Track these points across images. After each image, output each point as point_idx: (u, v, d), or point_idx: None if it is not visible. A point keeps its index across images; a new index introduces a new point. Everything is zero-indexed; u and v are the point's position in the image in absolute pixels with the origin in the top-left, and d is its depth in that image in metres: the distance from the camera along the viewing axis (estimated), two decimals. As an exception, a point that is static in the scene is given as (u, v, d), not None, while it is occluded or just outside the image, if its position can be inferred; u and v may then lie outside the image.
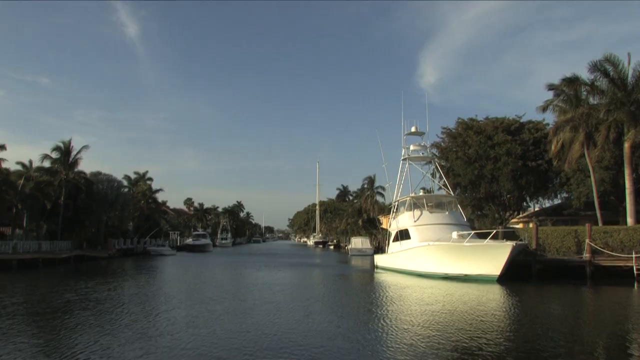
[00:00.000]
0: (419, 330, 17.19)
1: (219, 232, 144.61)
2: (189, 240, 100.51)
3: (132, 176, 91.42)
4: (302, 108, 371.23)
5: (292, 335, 16.21)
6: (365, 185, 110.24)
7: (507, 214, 59.81)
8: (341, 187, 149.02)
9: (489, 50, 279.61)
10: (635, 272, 34.55)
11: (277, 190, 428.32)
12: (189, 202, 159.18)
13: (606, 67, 41.26)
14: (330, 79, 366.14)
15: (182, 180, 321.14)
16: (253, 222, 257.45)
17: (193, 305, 23.17)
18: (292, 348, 14.29)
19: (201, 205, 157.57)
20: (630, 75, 41.12)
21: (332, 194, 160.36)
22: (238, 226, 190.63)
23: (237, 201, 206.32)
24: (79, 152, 64.87)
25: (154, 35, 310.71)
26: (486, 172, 52.39)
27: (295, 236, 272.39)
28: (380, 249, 68.21)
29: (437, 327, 17.70)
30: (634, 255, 34.95)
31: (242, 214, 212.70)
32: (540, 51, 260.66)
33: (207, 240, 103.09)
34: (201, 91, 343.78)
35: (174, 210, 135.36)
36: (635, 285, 32.89)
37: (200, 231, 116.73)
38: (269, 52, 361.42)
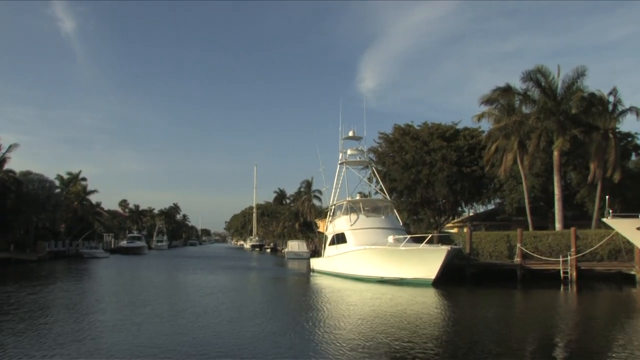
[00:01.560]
0: (352, 333, 17.31)
1: (155, 234, 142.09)
2: (124, 243, 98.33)
3: (65, 176, 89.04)
4: (241, 110, 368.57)
5: (214, 339, 16.05)
6: (303, 189, 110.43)
7: (442, 218, 60.91)
8: (278, 190, 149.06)
9: (428, 58, 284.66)
10: (562, 275, 35.81)
11: (214, 193, 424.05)
12: (124, 203, 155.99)
13: (538, 78, 42.73)
14: (270, 82, 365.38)
15: (119, 182, 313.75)
16: (190, 224, 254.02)
17: (121, 309, 22.79)
18: (210, 352, 14.19)
19: (137, 207, 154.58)
20: (560, 87, 42.71)
21: (270, 197, 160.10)
22: (174, 229, 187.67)
23: (174, 203, 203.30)
24: (7, 150, 62.58)
25: (92, 33, 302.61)
26: (422, 178, 53.23)
27: (232, 239, 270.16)
28: (316, 252, 68.35)
29: (371, 330, 17.90)
30: (561, 259, 36.22)
31: (178, 217, 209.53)
32: (478, 60, 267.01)
33: (142, 243, 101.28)
34: (140, 92, 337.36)
35: (109, 212, 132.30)
36: (562, 287, 34.09)
37: (135, 233, 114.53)
38: (210, 54, 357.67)
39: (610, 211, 30.90)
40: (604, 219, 31.50)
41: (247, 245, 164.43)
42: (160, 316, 20.70)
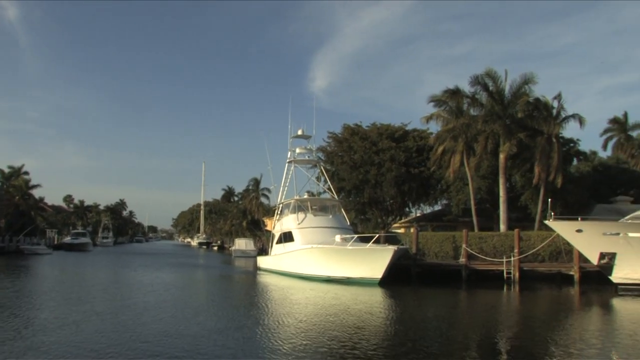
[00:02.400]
0: (294, 332, 17.22)
1: (100, 230, 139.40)
2: (67, 239, 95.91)
3: (6, 170, 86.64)
4: (190, 107, 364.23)
5: (152, 337, 15.72)
6: (251, 187, 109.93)
7: (390, 218, 61.35)
8: (227, 188, 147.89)
9: (380, 59, 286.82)
10: (505, 275, 36.51)
11: (161, 190, 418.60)
12: (68, 199, 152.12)
13: (486, 82, 43.38)
14: (221, 80, 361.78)
15: (64, 177, 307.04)
16: (136, 221, 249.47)
17: (59, 307, 22.14)
18: (147, 351, 13.90)
19: (82, 202, 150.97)
20: (507, 91, 43.49)
21: (218, 195, 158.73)
22: (120, 225, 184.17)
23: (120, 199, 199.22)
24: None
25: (37, 23, 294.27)
26: (370, 178, 53.48)
27: (179, 236, 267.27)
28: (264, 250, 68.11)
29: (314, 329, 17.87)
30: (504, 260, 36.92)
31: (125, 213, 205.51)
32: (429, 63, 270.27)
33: (87, 239, 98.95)
34: (87, 86, 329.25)
35: (53, 207, 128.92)
36: (505, 287, 34.74)
37: (80, 229, 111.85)
38: (161, 51, 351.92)
39: (552, 214, 31.69)
40: (546, 221, 32.27)
41: (194, 242, 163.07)
42: (99, 314, 20.18)
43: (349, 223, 46.16)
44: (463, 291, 33.93)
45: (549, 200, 34.72)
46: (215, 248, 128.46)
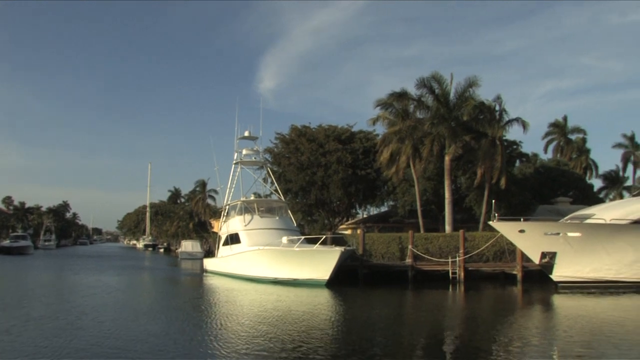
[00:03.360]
0: (237, 334, 17.08)
1: (42, 233, 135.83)
2: (6, 242, 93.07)
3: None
4: (137, 107, 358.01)
5: (89, 341, 15.31)
6: (198, 188, 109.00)
7: (337, 220, 61.45)
8: (173, 189, 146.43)
9: (329, 60, 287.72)
10: (450, 275, 36.98)
11: (107, 191, 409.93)
12: (8, 200, 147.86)
13: (432, 85, 43.83)
14: (169, 80, 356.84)
15: (3, 177, 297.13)
16: (80, 223, 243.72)
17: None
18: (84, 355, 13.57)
19: (22, 204, 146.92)
20: (452, 94, 44.06)
21: (165, 196, 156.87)
22: (64, 227, 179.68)
23: (63, 201, 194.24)
24: None
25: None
26: (317, 179, 53.47)
27: (125, 238, 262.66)
28: (211, 252, 67.50)
29: (259, 331, 17.73)
30: (449, 260, 37.37)
31: (68, 215, 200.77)
32: (378, 65, 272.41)
33: (27, 242, 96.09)
34: (27, 82, 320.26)
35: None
36: (450, 287, 35.19)
37: (20, 232, 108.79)
38: (106, 50, 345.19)
39: (496, 215, 32.29)
40: (490, 222, 32.85)
41: (140, 244, 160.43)
42: (35, 319, 19.54)
43: (295, 224, 46.10)
44: (409, 291, 34.22)
45: (493, 201, 35.35)
46: (162, 250, 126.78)
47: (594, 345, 16.44)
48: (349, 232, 59.31)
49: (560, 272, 31.96)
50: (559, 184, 56.45)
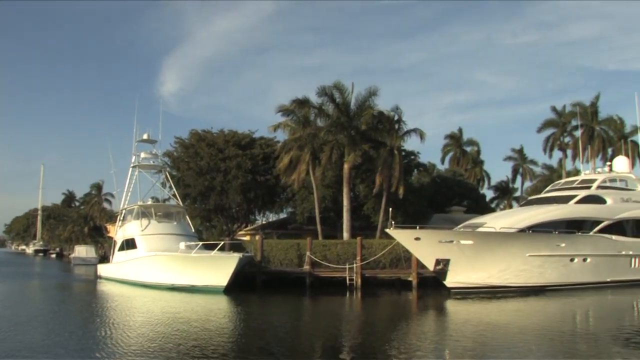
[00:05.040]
0: (128, 342, 16.54)
1: None
2: None
3: None
4: (29, 106, 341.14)
5: None
6: (93, 192, 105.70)
7: (235, 226, 61.04)
8: (67, 192, 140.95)
9: (232, 66, 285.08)
10: (347, 282, 37.34)
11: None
12: None
13: (333, 93, 44.36)
14: (67, 80, 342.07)
15: None
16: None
17: None
18: None
19: None
20: (353, 103, 44.76)
21: (58, 199, 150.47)
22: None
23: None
24: None
25: None
26: (216, 184, 52.87)
27: (12, 243, 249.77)
28: (106, 258, 65.36)
29: (154, 339, 17.29)
30: (347, 267, 37.74)
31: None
32: (281, 72, 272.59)
33: None
34: None
35: None
36: (347, 294, 35.56)
37: None
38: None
39: (393, 222, 32.92)
40: (387, 230, 33.46)
41: (30, 250, 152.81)
42: None
43: (193, 230, 45.42)
44: (307, 298, 34.32)
45: (390, 209, 36.04)
46: (54, 256, 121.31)
47: (480, 348, 17.16)
48: (247, 238, 58.83)
49: (453, 279, 32.96)
50: (454, 194, 58.57)
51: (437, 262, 32.85)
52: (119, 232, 46.49)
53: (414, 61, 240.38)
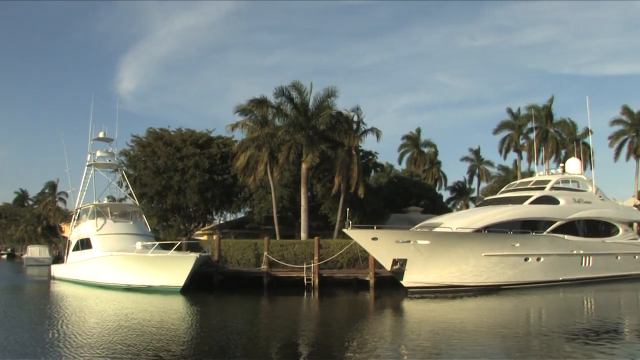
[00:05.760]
0: (84, 346, 16.14)
1: None
2: None
3: None
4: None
5: None
6: (47, 190, 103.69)
7: (193, 225, 60.55)
8: (20, 191, 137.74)
9: (191, 65, 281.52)
10: (305, 281, 37.36)
11: None
12: None
13: (291, 93, 44.35)
14: (20, 75, 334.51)
15: None
16: None
17: None
18: None
19: None
20: (311, 103, 44.82)
21: (9, 198, 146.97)
22: None
23: None
24: None
25: None
26: (173, 184, 52.32)
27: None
28: (60, 258, 64.20)
29: (108, 341, 17.04)
30: (304, 267, 37.77)
31: None
32: (239, 71, 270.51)
33: None
34: None
35: None
36: (305, 294, 35.59)
37: None
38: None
39: (350, 222, 33.03)
40: (345, 230, 33.57)
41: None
42: None
43: (150, 229, 45.01)
44: (265, 298, 34.22)
45: (348, 209, 36.17)
46: (4, 256, 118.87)
47: (436, 347, 17.34)
48: (204, 238, 58.40)
49: (410, 278, 33.20)
50: (412, 194, 59.10)
51: (394, 262, 33.05)
52: (73, 232, 45.65)
53: (373, 62, 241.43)
